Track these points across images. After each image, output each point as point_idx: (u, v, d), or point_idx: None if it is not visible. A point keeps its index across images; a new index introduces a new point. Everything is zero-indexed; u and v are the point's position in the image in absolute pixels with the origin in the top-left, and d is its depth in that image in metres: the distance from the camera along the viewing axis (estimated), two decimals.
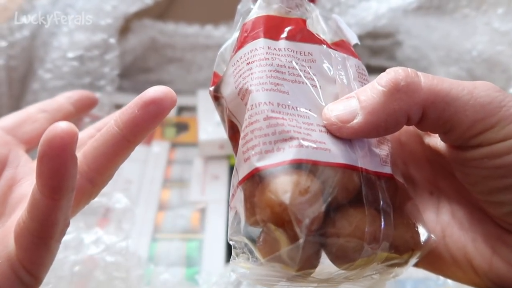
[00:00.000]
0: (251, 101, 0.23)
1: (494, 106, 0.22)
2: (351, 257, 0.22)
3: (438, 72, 0.63)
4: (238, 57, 0.26)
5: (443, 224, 0.27)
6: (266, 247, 0.21)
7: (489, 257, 0.24)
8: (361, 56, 0.86)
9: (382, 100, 0.22)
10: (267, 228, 0.21)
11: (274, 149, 0.22)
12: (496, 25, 0.57)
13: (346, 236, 0.21)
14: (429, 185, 0.29)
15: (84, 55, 0.57)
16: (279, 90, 0.23)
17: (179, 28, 0.70)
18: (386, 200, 0.23)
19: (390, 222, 0.23)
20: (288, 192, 0.20)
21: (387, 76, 0.22)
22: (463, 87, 0.22)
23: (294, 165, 0.21)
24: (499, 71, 0.56)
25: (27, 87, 0.59)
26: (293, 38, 0.26)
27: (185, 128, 0.68)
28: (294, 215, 0.20)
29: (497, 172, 0.22)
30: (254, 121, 0.23)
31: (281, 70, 0.24)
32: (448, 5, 0.66)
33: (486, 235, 0.25)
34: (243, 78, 0.24)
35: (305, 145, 0.22)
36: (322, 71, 0.25)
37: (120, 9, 0.58)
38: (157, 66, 0.72)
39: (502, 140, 0.22)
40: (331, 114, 0.23)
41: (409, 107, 0.22)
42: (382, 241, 0.22)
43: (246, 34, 0.26)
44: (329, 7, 0.69)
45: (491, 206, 0.24)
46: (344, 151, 0.23)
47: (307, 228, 0.20)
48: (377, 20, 0.66)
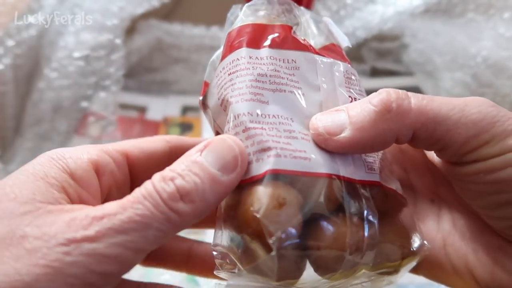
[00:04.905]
0: (231, 112, 0.23)
1: (486, 123, 0.21)
2: (332, 267, 0.21)
3: (443, 77, 0.63)
4: (221, 68, 0.25)
5: (444, 233, 0.27)
6: (245, 258, 0.21)
7: (491, 267, 0.24)
8: (367, 59, 0.86)
9: (372, 119, 0.22)
10: (244, 239, 0.21)
11: (253, 160, 0.22)
12: (502, 31, 0.57)
13: (326, 248, 0.21)
14: (430, 193, 0.29)
15: (90, 55, 0.58)
16: (259, 100, 0.23)
17: (185, 28, 0.70)
18: (371, 208, 0.22)
19: (375, 231, 0.22)
20: (262, 205, 0.20)
21: (378, 96, 0.22)
22: (454, 105, 0.22)
23: (271, 175, 0.21)
24: (505, 77, 0.56)
25: (33, 86, 0.59)
26: (276, 45, 0.25)
27: (189, 128, 0.68)
28: (266, 228, 0.20)
29: (494, 187, 0.22)
30: (235, 133, 0.23)
31: (262, 79, 0.24)
32: (455, 9, 0.66)
33: (488, 245, 0.25)
34: (224, 89, 0.24)
35: (283, 155, 0.21)
36: (306, 78, 0.25)
37: (127, 10, 0.58)
38: (162, 66, 0.73)
39: (497, 155, 0.21)
40: (318, 124, 0.23)
41: (398, 129, 0.22)
42: (365, 250, 0.22)
43: (230, 43, 0.26)
44: (335, 9, 0.69)
45: (491, 220, 0.24)
46: (325, 160, 0.22)
47: (279, 241, 0.20)
48: (383, 23, 0.66)
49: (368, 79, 0.76)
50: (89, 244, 0.18)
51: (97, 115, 0.60)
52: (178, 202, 0.20)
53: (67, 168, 0.22)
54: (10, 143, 0.60)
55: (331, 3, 0.69)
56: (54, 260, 0.18)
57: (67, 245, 0.18)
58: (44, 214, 0.20)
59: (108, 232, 0.19)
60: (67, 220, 0.19)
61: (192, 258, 0.29)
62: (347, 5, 0.68)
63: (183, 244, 0.29)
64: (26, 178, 0.21)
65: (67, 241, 0.18)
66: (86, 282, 0.18)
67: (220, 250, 0.22)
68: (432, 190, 0.28)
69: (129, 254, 0.19)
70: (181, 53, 0.71)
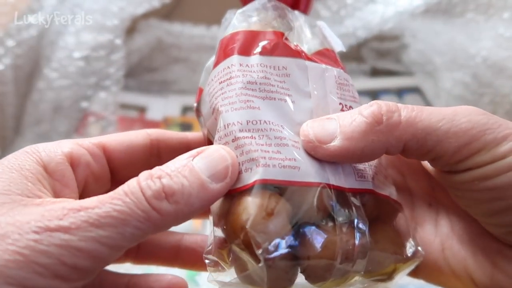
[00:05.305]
0: (221, 122, 0.23)
1: (477, 131, 0.22)
2: (322, 276, 0.21)
3: (443, 77, 0.63)
4: (213, 76, 0.25)
5: (442, 237, 0.27)
6: (236, 266, 0.21)
7: (490, 271, 0.24)
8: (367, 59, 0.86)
9: (363, 130, 0.22)
10: (234, 249, 0.21)
11: (242, 170, 0.22)
12: (502, 31, 0.57)
13: (315, 257, 0.21)
14: (428, 197, 0.29)
15: (90, 55, 0.58)
16: (249, 107, 0.23)
17: (185, 28, 0.70)
18: (361, 216, 0.22)
19: (366, 239, 0.22)
20: (250, 216, 0.20)
21: (370, 108, 0.22)
22: (443, 115, 0.22)
23: (260, 186, 0.21)
24: (505, 77, 0.56)
25: (33, 86, 0.59)
26: (267, 52, 0.25)
27: (189, 128, 0.68)
28: (254, 238, 0.20)
29: (489, 195, 0.22)
30: (224, 143, 0.23)
31: (251, 87, 0.24)
32: (455, 9, 0.66)
33: (486, 248, 0.25)
34: (215, 98, 0.24)
35: (271, 165, 0.21)
36: (297, 85, 0.25)
37: (127, 10, 0.58)
38: (162, 66, 0.73)
39: (490, 163, 0.21)
40: (309, 131, 0.23)
41: (388, 141, 0.22)
42: (356, 259, 0.22)
43: (222, 51, 0.26)
44: (335, 9, 0.69)
45: (488, 227, 0.24)
46: (315, 168, 0.22)
47: (267, 252, 0.20)
48: (383, 23, 0.66)
49: (368, 79, 0.76)
50: (62, 234, 0.18)
51: (97, 115, 0.60)
52: (162, 200, 0.20)
53: (41, 161, 0.22)
54: (10, 143, 0.60)
55: (331, 3, 0.69)
56: (24, 247, 0.18)
57: (38, 233, 0.18)
58: (20, 205, 0.19)
59: (83, 225, 0.18)
60: (43, 210, 0.19)
61: (182, 252, 0.29)
62: (347, 5, 0.68)
63: (172, 238, 0.29)
64: (1, 170, 0.21)
65: (40, 229, 0.18)
66: (56, 273, 0.18)
67: (212, 259, 0.22)
68: (430, 194, 0.28)
69: (104, 250, 0.19)
70: (181, 53, 0.71)
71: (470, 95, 0.59)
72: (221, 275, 0.22)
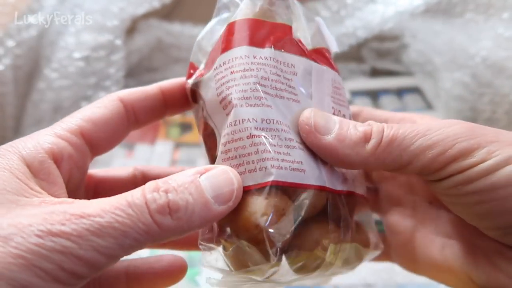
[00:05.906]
0: (234, 116, 0.23)
1: (448, 140, 0.23)
2: (310, 268, 0.23)
3: (443, 77, 0.63)
4: (221, 62, 0.25)
5: (443, 235, 0.27)
6: (237, 259, 0.22)
7: (489, 270, 0.24)
8: (367, 59, 0.85)
9: (352, 141, 0.24)
10: (240, 243, 0.22)
11: (257, 169, 0.22)
12: (501, 31, 0.57)
13: (307, 250, 0.23)
14: (428, 195, 0.29)
15: (90, 55, 0.58)
16: (263, 104, 0.23)
17: (185, 28, 0.70)
18: (346, 215, 0.24)
19: (349, 236, 0.24)
20: (265, 215, 0.21)
21: (364, 127, 0.24)
22: (417, 131, 0.23)
23: (273, 186, 0.22)
24: (504, 77, 0.56)
25: (33, 86, 0.59)
26: (279, 47, 0.25)
27: (189, 128, 0.68)
28: (269, 238, 0.21)
29: (474, 198, 0.22)
30: (238, 138, 0.23)
31: (264, 83, 0.24)
32: (455, 9, 0.66)
33: (486, 248, 0.25)
34: (226, 88, 0.24)
35: (284, 167, 0.22)
36: (302, 85, 0.25)
37: (127, 11, 0.58)
38: (162, 66, 0.73)
39: (469, 168, 0.22)
40: (311, 116, 0.24)
41: (366, 159, 0.24)
42: (340, 252, 0.24)
43: (230, 36, 0.25)
44: (336, 9, 0.69)
45: (484, 230, 0.24)
46: (316, 171, 0.24)
47: (280, 250, 0.21)
48: (383, 23, 0.66)
49: (368, 79, 0.76)
50: (64, 241, 0.18)
51: None
52: (165, 216, 0.20)
53: (24, 161, 0.22)
54: None
55: (331, 3, 0.69)
56: (27, 251, 0.18)
57: (41, 238, 0.18)
58: (18, 206, 0.19)
59: (84, 233, 0.19)
60: (44, 212, 0.19)
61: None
62: (347, 5, 0.68)
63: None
64: None
65: (42, 233, 0.18)
66: (55, 278, 0.18)
67: (209, 246, 0.23)
68: (430, 192, 0.29)
69: (102, 259, 0.19)
70: (181, 53, 0.71)
71: (469, 95, 0.59)
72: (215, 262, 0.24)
